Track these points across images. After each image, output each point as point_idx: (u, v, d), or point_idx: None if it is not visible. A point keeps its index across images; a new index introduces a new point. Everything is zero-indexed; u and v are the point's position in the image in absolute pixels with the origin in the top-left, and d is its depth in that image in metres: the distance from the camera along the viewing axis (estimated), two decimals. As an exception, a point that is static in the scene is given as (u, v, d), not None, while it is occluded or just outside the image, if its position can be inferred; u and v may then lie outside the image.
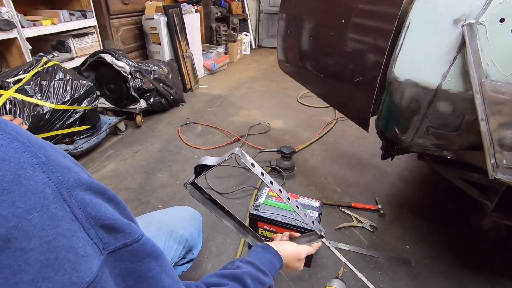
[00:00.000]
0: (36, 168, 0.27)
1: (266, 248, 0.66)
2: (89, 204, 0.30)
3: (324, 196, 1.63)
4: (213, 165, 0.58)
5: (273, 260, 0.64)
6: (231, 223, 0.77)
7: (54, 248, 0.27)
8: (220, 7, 4.45)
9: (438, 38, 0.79)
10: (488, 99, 0.74)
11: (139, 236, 0.35)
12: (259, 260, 0.61)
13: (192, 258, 0.90)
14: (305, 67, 1.43)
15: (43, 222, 0.26)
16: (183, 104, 2.81)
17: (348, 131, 2.37)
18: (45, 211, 0.26)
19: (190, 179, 0.65)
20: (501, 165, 0.76)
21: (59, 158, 0.29)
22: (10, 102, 1.52)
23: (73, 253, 0.28)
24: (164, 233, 0.80)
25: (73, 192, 0.29)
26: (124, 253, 0.34)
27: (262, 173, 0.59)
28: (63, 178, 0.28)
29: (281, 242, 0.72)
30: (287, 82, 3.27)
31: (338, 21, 1.11)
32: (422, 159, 1.30)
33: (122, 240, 0.33)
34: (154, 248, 0.37)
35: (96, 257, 0.31)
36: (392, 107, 0.97)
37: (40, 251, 0.26)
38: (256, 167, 0.58)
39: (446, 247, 1.34)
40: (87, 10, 2.23)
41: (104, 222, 0.31)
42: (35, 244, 0.25)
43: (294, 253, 0.70)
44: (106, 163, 1.88)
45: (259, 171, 0.58)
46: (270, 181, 0.59)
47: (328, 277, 1.14)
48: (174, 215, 0.86)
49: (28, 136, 0.28)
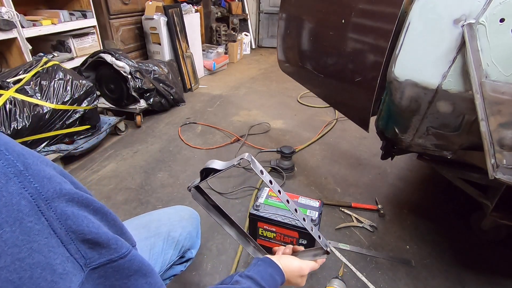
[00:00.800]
0: (11, 178, 0.25)
1: (267, 262, 0.63)
2: (70, 217, 0.28)
3: (324, 196, 1.63)
4: (221, 169, 0.56)
5: (274, 275, 0.60)
6: (233, 232, 0.74)
7: (29, 265, 0.24)
8: (220, 7, 4.45)
9: (438, 38, 0.79)
10: (488, 99, 0.73)
11: (126, 251, 0.33)
12: (259, 274, 0.58)
13: (191, 257, 0.90)
14: (305, 67, 1.43)
15: (15, 238, 0.24)
16: (183, 104, 2.81)
17: (348, 131, 2.37)
18: (18, 225, 0.24)
19: (195, 182, 0.63)
20: (501, 165, 0.76)
21: (40, 167, 0.27)
22: (10, 102, 1.52)
23: (50, 271, 0.26)
24: (163, 232, 0.79)
25: (53, 204, 0.27)
26: (109, 270, 0.32)
27: (270, 181, 0.57)
28: (41, 188, 0.26)
29: (284, 257, 0.68)
30: (287, 82, 3.27)
31: (338, 21, 1.11)
32: (422, 159, 1.30)
33: (107, 255, 0.31)
34: (142, 265, 0.35)
35: (77, 274, 0.28)
36: (392, 107, 0.97)
37: (12, 270, 0.23)
38: (265, 175, 0.56)
39: (446, 247, 1.34)
40: (87, 10, 2.23)
41: (86, 237, 0.29)
42: (6, 261, 0.23)
43: (297, 269, 0.67)
44: (106, 163, 1.88)
45: (268, 179, 0.56)
46: (279, 191, 0.58)
47: (328, 277, 1.14)
48: (173, 215, 0.87)
49: (7, 143, 0.26)
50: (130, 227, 0.77)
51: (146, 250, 0.75)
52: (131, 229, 0.76)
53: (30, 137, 1.61)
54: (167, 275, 0.84)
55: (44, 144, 1.70)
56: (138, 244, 0.73)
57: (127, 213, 1.45)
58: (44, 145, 1.70)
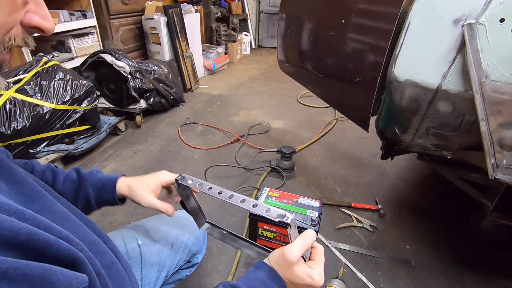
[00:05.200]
0: None
1: (258, 266, 0.52)
2: None
3: (324, 196, 1.63)
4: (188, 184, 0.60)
5: (265, 280, 0.49)
6: (253, 251, 0.67)
7: None
8: (220, 7, 4.45)
9: (438, 38, 0.79)
10: (488, 99, 0.73)
11: None
12: (247, 282, 0.48)
13: (197, 263, 0.90)
14: (305, 67, 1.43)
15: None
16: (183, 104, 2.81)
17: (348, 131, 2.37)
18: None
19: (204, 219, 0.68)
20: (501, 165, 0.76)
21: None
22: (10, 102, 1.52)
23: None
24: (171, 236, 0.79)
25: None
26: None
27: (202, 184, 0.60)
28: None
29: (274, 252, 0.54)
30: (287, 82, 3.27)
31: (338, 21, 1.11)
32: (422, 159, 1.30)
33: None
34: None
35: None
36: (392, 107, 0.97)
37: None
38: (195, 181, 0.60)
39: (446, 247, 1.34)
40: (87, 10, 2.23)
41: None
42: None
43: (280, 259, 0.51)
44: (106, 163, 1.88)
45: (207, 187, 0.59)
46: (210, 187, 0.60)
47: (328, 277, 1.14)
48: (181, 219, 0.86)
49: None
50: (139, 230, 0.78)
51: (154, 253, 0.75)
52: (139, 233, 0.77)
53: (30, 137, 1.61)
54: (173, 280, 0.84)
55: (44, 144, 1.70)
56: (147, 248, 0.73)
57: (127, 213, 1.45)
58: (44, 145, 1.70)
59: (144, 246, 0.74)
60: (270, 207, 0.52)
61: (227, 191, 0.58)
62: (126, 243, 0.73)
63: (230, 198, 0.57)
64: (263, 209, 0.53)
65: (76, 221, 0.44)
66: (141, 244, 0.74)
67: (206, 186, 0.59)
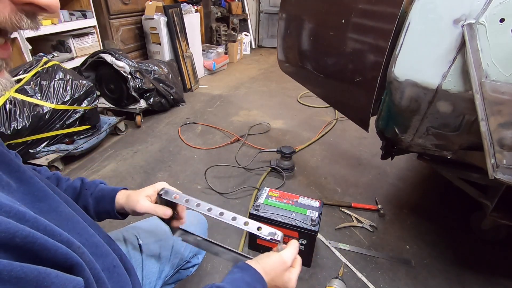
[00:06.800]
0: None
1: (243, 268, 0.53)
2: None
3: (324, 196, 1.63)
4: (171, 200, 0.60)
5: (250, 282, 0.51)
6: (230, 256, 0.67)
7: None
8: (220, 7, 4.45)
9: (438, 38, 0.79)
10: (488, 99, 0.73)
11: None
12: (232, 283, 0.50)
13: (197, 263, 0.90)
14: (305, 67, 1.43)
15: None
16: (183, 104, 2.81)
17: (348, 131, 2.37)
18: None
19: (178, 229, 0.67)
20: (501, 165, 0.76)
21: None
22: (10, 102, 1.52)
23: None
24: (172, 236, 0.78)
25: None
26: None
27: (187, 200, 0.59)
28: None
29: (263, 255, 0.57)
30: (287, 82, 3.27)
31: (338, 21, 1.11)
32: (422, 159, 1.30)
33: None
34: None
35: None
36: (392, 107, 0.97)
37: None
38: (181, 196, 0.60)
39: (446, 247, 1.34)
40: (87, 10, 2.23)
41: None
42: None
43: (278, 260, 0.56)
44: (106, 163, 1.88)
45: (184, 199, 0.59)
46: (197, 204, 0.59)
47: (328, 277, 1.14)
48: None
49: None
50: (140, 230, 0.78)
51: (155, 253, 0.75)
52: (140, 232, 0.76)
53: (30, 137, 1.61)
54: (173, 280, 0.84)
55: (44, 144, 1.70)
56: (148, 248, 0.73)
57: (127, 213, 1.45)
58: (44, 145, 1.70)
59: (145, 246, 0.74)
60: (261, 225, 0.55)
61: (217, 208, 0.58)
62: (127, 243, 0.73)
63: (220, 215, 0.57)
64: (254, 227, 0.56)
65: (80, 223, 0.44)
66: (142, 244, 0.74)
67: (194, 203, 0.58)
